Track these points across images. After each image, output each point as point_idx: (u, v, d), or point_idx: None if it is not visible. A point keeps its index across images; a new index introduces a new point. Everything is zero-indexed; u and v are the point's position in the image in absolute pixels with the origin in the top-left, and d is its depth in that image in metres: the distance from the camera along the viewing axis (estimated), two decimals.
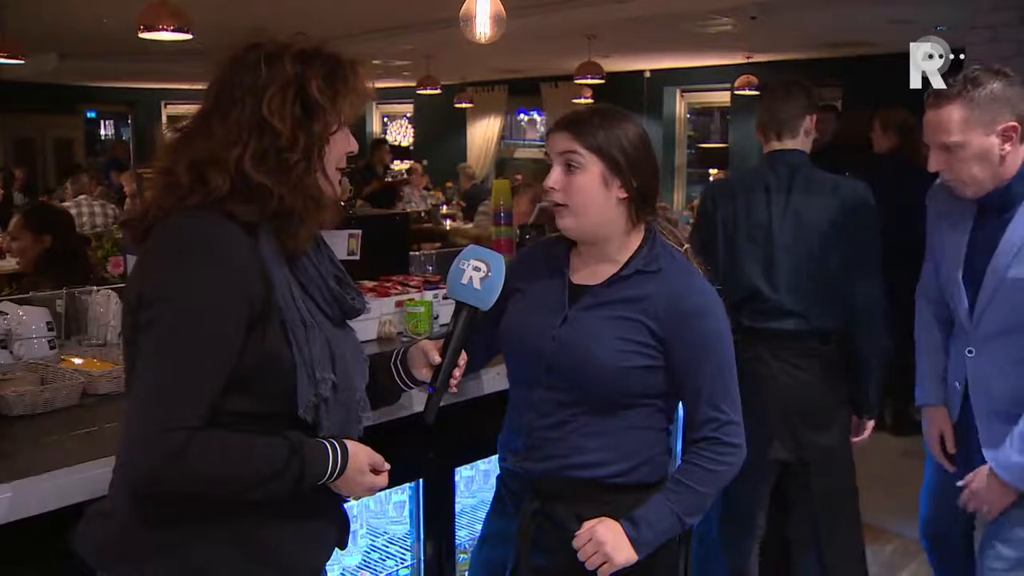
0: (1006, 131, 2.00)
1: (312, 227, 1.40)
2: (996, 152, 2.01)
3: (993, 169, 2.03)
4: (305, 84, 1.37)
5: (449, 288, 1.64)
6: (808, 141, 2.68)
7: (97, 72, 12.82)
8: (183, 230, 1.32)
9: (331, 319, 1.47)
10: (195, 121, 1.41)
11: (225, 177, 1.32)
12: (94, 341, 2.42)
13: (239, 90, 1.36)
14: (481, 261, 1.62)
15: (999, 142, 2.00)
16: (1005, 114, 2.00)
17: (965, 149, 2.02)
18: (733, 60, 10.37)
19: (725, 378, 1.70)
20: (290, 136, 1.35)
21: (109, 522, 1.38)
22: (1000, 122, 1.99)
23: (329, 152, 1.41)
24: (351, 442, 1.45)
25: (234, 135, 1.34)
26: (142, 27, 5.70)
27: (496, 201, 3.27)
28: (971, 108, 2.00)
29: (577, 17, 7.64)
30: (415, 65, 10.80)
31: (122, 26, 6.28)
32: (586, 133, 1.67)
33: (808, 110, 2.67)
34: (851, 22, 7.62)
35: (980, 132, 2.00)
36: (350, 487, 1.45)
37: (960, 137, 2.01)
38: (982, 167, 2.03)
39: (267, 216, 1.35)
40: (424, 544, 2.19)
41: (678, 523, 1.68)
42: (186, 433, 1.24)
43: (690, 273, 1.74)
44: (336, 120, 1.41)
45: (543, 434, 1.74)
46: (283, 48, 1.39)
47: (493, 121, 13.85)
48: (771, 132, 2.68)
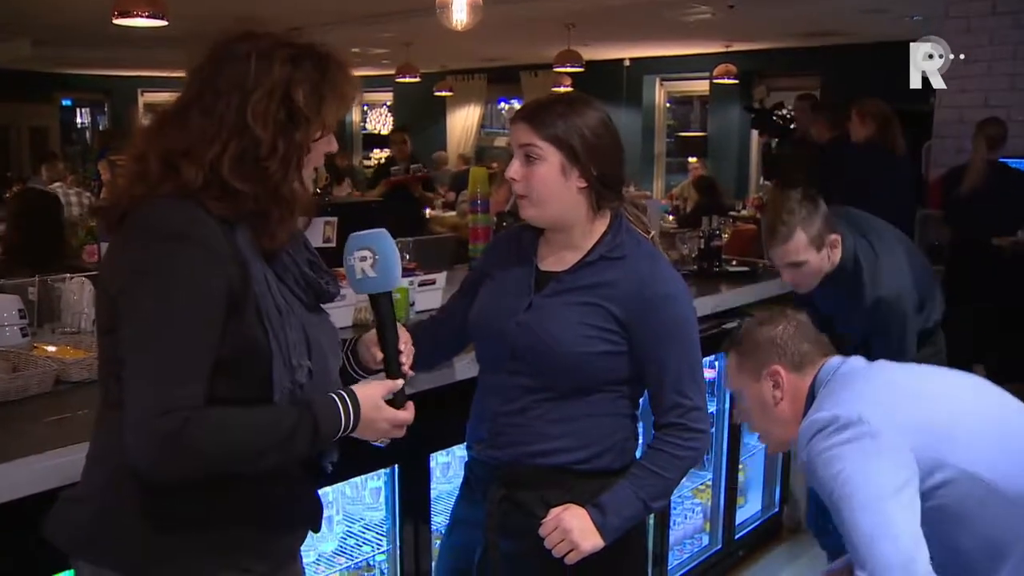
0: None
1: (287, 229, 1.39)
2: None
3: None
4: (292, 91, 1.34)
5: (352, 287, 1.61)
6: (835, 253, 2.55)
7: (73, 59, 12.67)
8: (158, 216, 1.31)
9: (305, 304, 1.46)
10: (174, 108, 1.39)
11: (199, 172, 1.31)
12: (67, 329, 2.40)
13: (224, 84, 1.34)
14: (363, 249, 1.57)
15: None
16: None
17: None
18: (713, 49, 10.41)
19: (691, 364, 1.71)
20: (271, 144, 1.33)
21: (81, 508, 1.38)
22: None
23: (309, 158, 1.40)
24: (359, 385, 1.44)
25: (212, 132, 1.32)
26: (117, 13, 5.65)
27: (473, 189, 3.28)
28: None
29: (556, 5, 7.63)
30: (394, 53, 10.74)
31: (97, 12, 6.20)
32: (544, 124, 1.66)
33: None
34: (828, 12, 7.66)
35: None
36: (373, 429, 1.44)
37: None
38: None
39: (241, 215, 1.34)
40: (400, 530, 2.20)
41: (644, 508, 1.70)
42: (183, 414, 1.24)
43: (655, 259, 1.74)
44: (320, 128, 1.39)
45: (507, 420, 1.75)
46: (274, 46, 1.36)
47: (473, 109, 13.83)
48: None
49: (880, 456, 1.56)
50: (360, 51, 10.95)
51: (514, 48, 10.96)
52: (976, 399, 1.73)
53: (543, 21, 8.25)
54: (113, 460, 1.35)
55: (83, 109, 16.12)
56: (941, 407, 1.67)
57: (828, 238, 2.45)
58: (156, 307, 1.26)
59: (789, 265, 2.47)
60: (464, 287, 1.93)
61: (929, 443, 1.58)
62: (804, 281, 2.51)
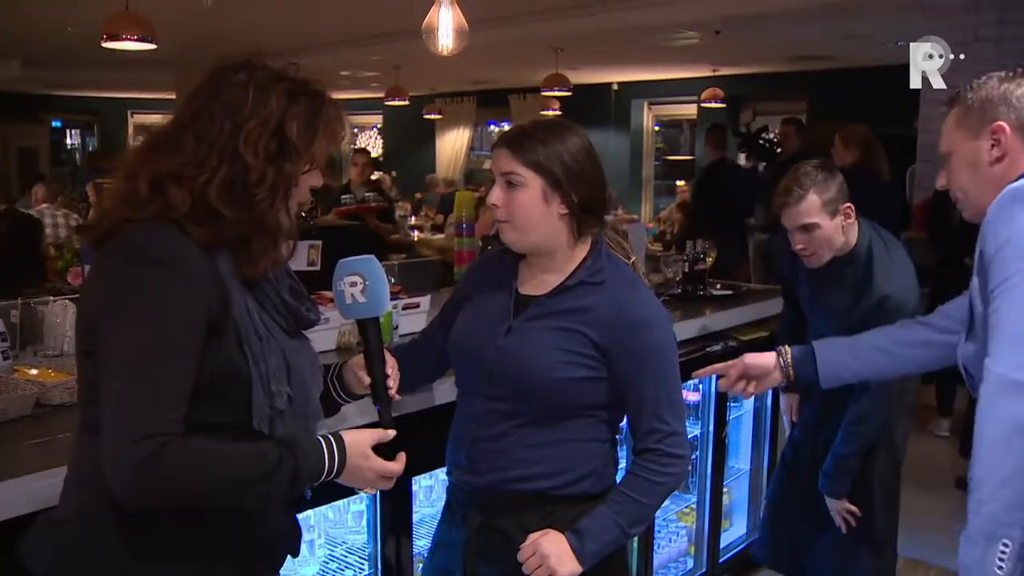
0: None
1: (269, 258, 1.40)
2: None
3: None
4: (285, 124, 1.37)
5: (341, 312, 1.63)
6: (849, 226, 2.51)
7: (62, 81, 12.71)
8: (140, 241, 1.31)
9: (286, 330, 1.47)
10: (167, 129, 1.40)
11: (186, 196, 1.32)
12: (50, 351, 2.40)
13: (219, 109, 1.36)
14: (354, 275, 1.60)
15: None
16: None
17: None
18: (700, 73, 10.50)
19: (669, 389, 1.71)
20: (260, 172, 1.35)
21: (60, 532, 1.37)
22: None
23: (296, 191, 1.42)
24: (349, 431, 1.44)
25: (203, 157, 1.34)
26: (105, 36, 5.67)
27: (458, 212, 3.30)
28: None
29: (544, 30, 7.70)
30: (384, 76, 10.81)
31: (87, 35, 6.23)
32: (526, 151, 1.67)
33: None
34: (813, 37, 7.74)
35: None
36: (359, 477, 1.44)
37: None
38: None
39: (223, 241, 1.35)
40: (382, 554, 2.19)
41: (622, 534, 1.69)
42: (159, 441, 1.23)
43: (635, 285, 1.75)
44: (308, 162, 1.42)
45: (485, 446, 1.74)
46: (273, 79, 1.39)
47: (462, 132, 13.89)
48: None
49: None
50: (350, 74, 11.02)
51: (503, 71, 11.04)
52: None
53: (532, 45, 8.32)
54: (92, 484, 1.35)
55: (73, 130, 16.13)
56: None
57: (842, 206, 2.45)
58: (135, 332, 1.27)
59: (801, 228, 2.46)
60: (445, 311, 1.94)
61: None
62: (815, 249, 2.48)
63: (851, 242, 2.50)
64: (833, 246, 2.48)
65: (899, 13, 6.06)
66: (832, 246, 2.48)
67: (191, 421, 1.30)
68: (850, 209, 2.47)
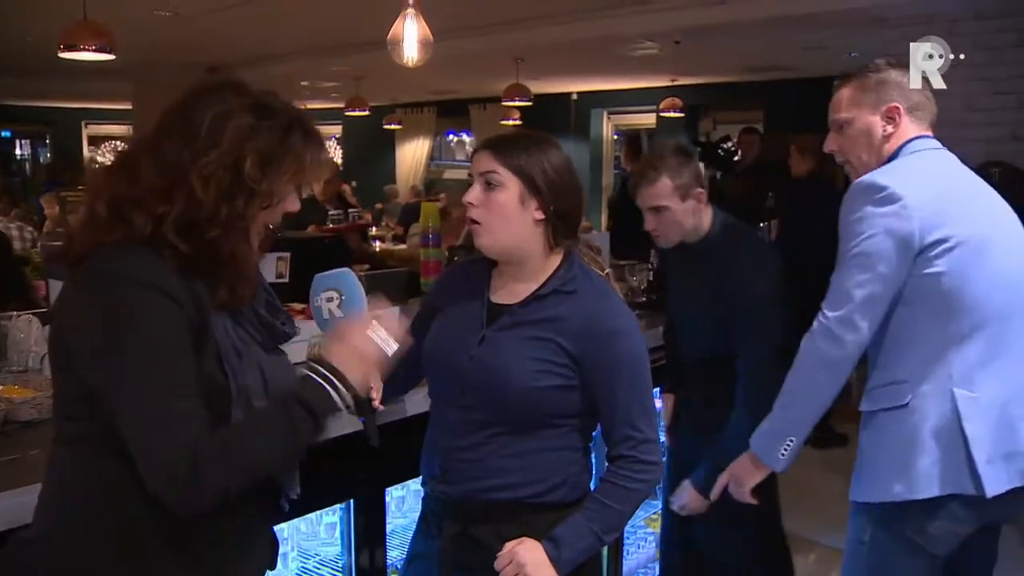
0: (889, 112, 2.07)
1: (245, 288, 1.38)
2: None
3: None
4: (241, 162, 1.31)
5: (319, 327, 1.64)
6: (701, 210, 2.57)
7: (14, 90, 12.47)
8: (113, 264, 1.29)
9: (262, 345, 1.47)
10: (128, 152, 1.38)
11: (147, 222, 1.30)
12: (14, 368, 2.36)
13: (180, 139, 1.32)
14: (329, 291, 1.61)
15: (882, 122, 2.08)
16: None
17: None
18: (659, 83, 10.60)
19: (641, 397, 1.74)
20: (211, 210, 1.31)
21: (33, 551, 1.35)
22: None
23: (255, 224, 1.38)
24: (327, 348, 1.42)
25: (159, 187, 1.30)
26: (62, 46, 5.58)
27: (425, 223, 3.30)
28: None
29: (505, 40, 7.73)
30: (344, 86, 10.77)
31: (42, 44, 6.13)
32: (508, 154, 1.70)
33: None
34: (770, 48, 7.86)
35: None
36: (356, 359, 1.41)
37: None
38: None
39: (192, 269, 1.32)
40: (356, 565, 2.19)
41: (597, 541, 1.71)
42: (192, 449, 1.24)
43: (607, 295, 1.77)
44: (268, 198, 1.36)
45: (459, 455, 1.75)
46: (240, 110, 1.33)
47: (422, 142, 13.88)
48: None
49: (893, 235, 1.91)
50: (309, 84, 10.97)
51: (464, 81, 11.05)
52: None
53: (492, 55, 8.35)
54: (66, 500, 1.34)
55: (23, 141, 15.82)
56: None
57: (694, 191, 2.51)
58: (132, 355, 1.26)
59: (652, 210, 2.52)
60: (415, 323, 1.94)
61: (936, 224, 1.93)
62: (665, 231, 2.55)
63: (703, 227, 2.56)
64: (683, 229, 2.54)
65: (855, 26, 6.18)
66: (682, 229, 2.54)
67: None
68: (702, 195, 2.52)
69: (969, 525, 1.94)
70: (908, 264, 1.93)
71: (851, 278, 1.94)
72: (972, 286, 1.93)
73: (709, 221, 2.57)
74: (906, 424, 1.94)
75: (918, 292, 1.94)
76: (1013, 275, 1.99)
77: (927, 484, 1.89)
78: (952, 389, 1.91)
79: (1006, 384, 1.94)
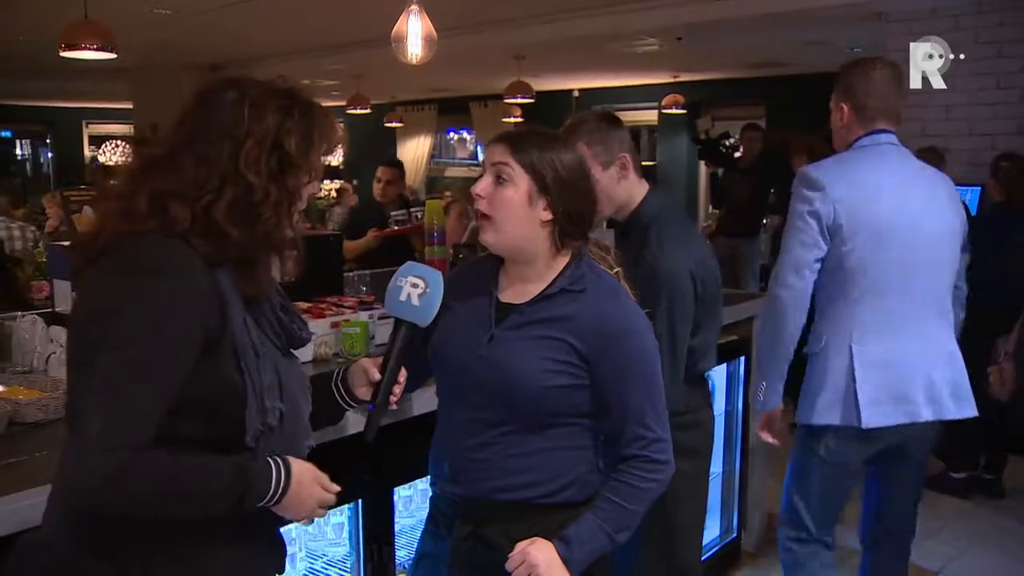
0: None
1: (271, 277, 1.41)
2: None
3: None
4: (283, 140, 1.37)
5: (387, 305, 1.66)
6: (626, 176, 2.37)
7: (14, 90, 12.48)
8: (142, 252, 1.30)
9: (278, 348, 1.47)
10: (163, 153, 1.38)
11: (188, 213, 1.32)
12: (19, 368, 2.35)
13: (216, 132, 1.35)
14: (419, 278, 1.64)
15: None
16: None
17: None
18: (660, 80, 10.60)
19: (652, 396, 1.72)
20: (264, 191, 1.35)
21: (44, 553, 1.35)
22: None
23: (301, 200, 1.43)
24: (295, 460, 1.43)
25: (204, 179, 1.34)
26: (64, 45, 5.57)
27: (429, 220, 3.28)
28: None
29: (506, 38, 7.72)
30: (344, 84, 10.77)
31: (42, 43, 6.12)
32: (522, 150, 1.69)
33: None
34: (771, 44, 7.85)
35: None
36: (296, 505, 1.42)
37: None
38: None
39: (226, 258, 1.35)
40: (363, 565, 2.18)
41: (609, 540, 1.70)
42: (129, 453, 1.23)
43: (617, 294, 1.75)
44: (309, 173, 1.42)
45: (469, 455, 1.74)
46: (265, 95, 1.39)
47: (423, 140, 13.88)
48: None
49: (814, 215, 2.41)
50: (310, 82, 10.94)
51: (465, 79, 11.05)
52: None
53: (493, 53, 8.34)
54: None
55: (23, 140, 15.82)
56: None
57: (618, 157, 2.32)
58: (124, 344, 1.26)
59: None
60: None
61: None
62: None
63: (633, 201, 2.35)
64: (612, 199, 2.33)
65: (857, 22, 6.17)
66: (611, 198, 2.32)
67: (180, 437, 1.30)
68: (626, 161, 2.32)
69: (860, 448, 2.50)
70: (827, 239, 2.40)
71: (785, 245, 2.47)
72: (872, 267, 2.39)
73: (640, 197, 2.37)
74: (818, 367, 2.48)
75: (832, 265, 2.41)
76: (910, 261, 2.41)
77: (827, 414, 2.44)
78: (850, 345, 2.42)
79: (898, 346, 2.43)
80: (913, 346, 2.44)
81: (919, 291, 2.44)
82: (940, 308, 2.49)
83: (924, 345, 2.46)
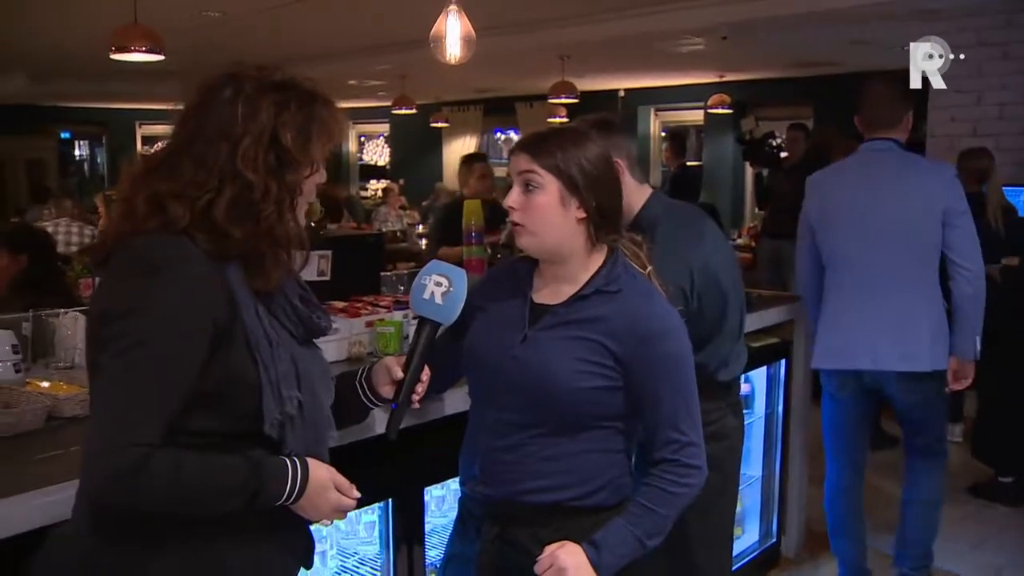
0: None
1: (281, 270, 1.40)
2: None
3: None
4: (279, 135, 1.37)
5: (412, 303, 1.66)
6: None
7: (70, 93, 12.76)
8: (144, 250, 1.32)
9: (296, 338, 1.47)
10: (162, 154, 1.40)
11: (186, 211, 1.33)
12: (61, 364, 2.40)
13: (213, 131, 1.36)
14: (443, 276, 1.64)
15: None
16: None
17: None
18: (706, 79, 10.50)
19: (686, 400, 1.70)
20: (263, 188, 1.36)
21: (70, 546, 1.37)
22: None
23: (301, 197, 1.43)
24: (313, 460, 1.43)
25: (202, 179, 1.34)
26: (114, 48, 5.69)
27: (467, 220, 3.29)
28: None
29: (550, 37, 7.70)
30: (390, 85, 10.83)
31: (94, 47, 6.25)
32: (544, 153, 1.68)
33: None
34: (818, 43, 7.73)
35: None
36: (313, 507, 1.43)
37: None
38: None
39: (231, 256, 1.35)
40: (394, 564, 2.18)
41: (639, 546, 1.67)
42: (143, 450, 1.25)
43: (651, 295, 1.74)
44: (309, 167, 1.42)
45: (499, 457, 1.73)
46: (259, 91, 1.38)
47: (469, 140, 13.89)
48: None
49: (807, 210, 3.33)
50: (356, 83, 11.05)
51: (509, 79, 11.04)
52: None
53: (537, 53, 8.32)
54: None
55: (81, 141, 16.18)
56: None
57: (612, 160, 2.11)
58: (130, 343, 1.27)
59: None
60: (456, 322, 1.93)
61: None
62: None
63: (633, 207, 2.25)
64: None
65: (904, 19, 6.05)
66: None
67: (198, 431, 1.31)
68: (621, 167, 2.08)
69: (843, 386, 3.23)
70: (815, 229, 3.22)
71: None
72: (838, 253, 3.16)
73: (642, 202, 2.29)
74: (818, 323, 3.25)
75: (820, 249, 3.22)
76: (865, 248, 3.07)
77: (818, 359, 3.24)
78: (829, 307, 3.19)
79: (849, 311, 3.13)
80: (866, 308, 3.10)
81: (877, 264, 3.05)
82: (902, 278, 3.06)
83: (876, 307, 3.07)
